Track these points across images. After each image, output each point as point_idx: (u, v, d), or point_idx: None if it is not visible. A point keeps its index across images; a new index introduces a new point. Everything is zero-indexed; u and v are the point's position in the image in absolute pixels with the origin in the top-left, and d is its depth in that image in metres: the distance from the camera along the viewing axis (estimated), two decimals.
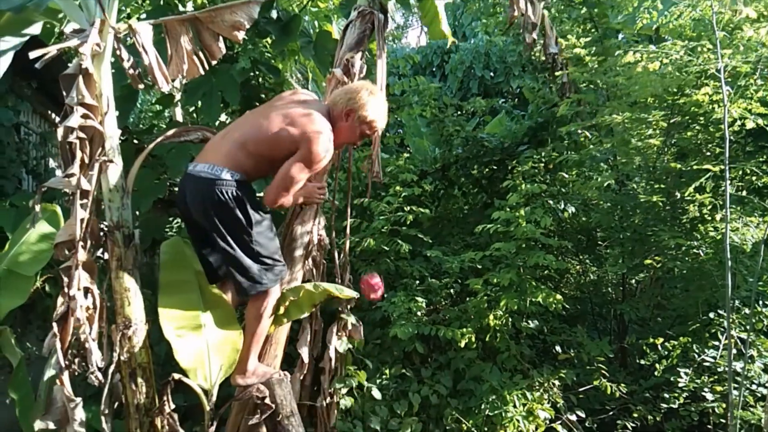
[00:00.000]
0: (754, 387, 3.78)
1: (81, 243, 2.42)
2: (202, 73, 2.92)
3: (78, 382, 2.76)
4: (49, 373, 2.55)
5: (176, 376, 2.70)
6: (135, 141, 4.80)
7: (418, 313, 4.18)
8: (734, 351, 3.49)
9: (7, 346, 3.30)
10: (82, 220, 2.42)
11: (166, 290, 2.88)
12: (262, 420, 2.71)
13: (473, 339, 3.99)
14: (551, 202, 4.67)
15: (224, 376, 2.74)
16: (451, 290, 4.59)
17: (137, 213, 4.38)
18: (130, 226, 2.76)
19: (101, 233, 2.69)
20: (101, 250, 2.76)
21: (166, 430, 2.77)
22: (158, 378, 2.90)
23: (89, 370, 2.45)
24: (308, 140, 2.63)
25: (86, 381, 2.68)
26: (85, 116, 2.50)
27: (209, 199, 2.62)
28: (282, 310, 2.95)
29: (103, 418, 2.77)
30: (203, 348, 2.74)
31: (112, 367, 2.74)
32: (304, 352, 3.20)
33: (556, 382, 4.01)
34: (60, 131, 2.42)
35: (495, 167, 5.58)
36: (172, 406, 2.74)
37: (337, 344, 3.35)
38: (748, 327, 3.79)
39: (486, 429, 3.68)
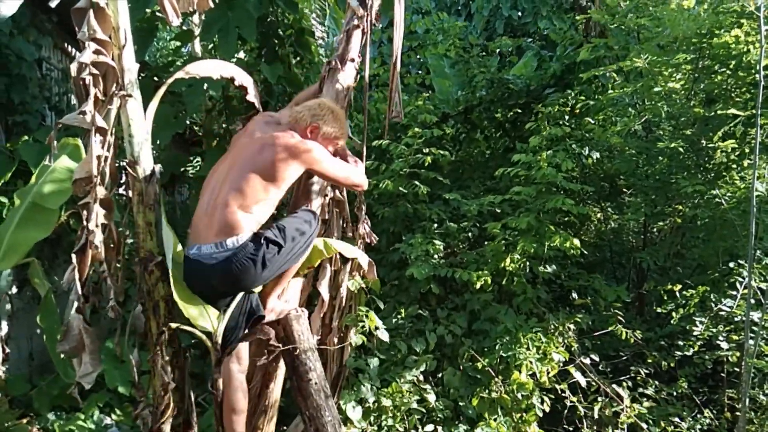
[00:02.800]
0: None
1: (98, 180, 2.43)
2: (212, 5, 2.84)
3: (104, 315, 2.84)
4: (72, 304, 2.62)
5: (173, 325, 2.72)
6: (154, 78, 4.78)
7: (436, 256, 4.20)
8: (752, 301, 3.46)
9: (35, 277, 3.41)
10: (98, 157, 2.43)
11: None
12: (278, 354, 2.77)
13: (489, 282, 4.02)
14: (575, 146, 4.59)
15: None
16: (469, 234, 4.59)
17: (156, 151, 4.41)
18: (151, 162, 2.77)
19: (122, 169, 2.70)
20: (123, 187, 2.78)
21: (183, 366, 2.87)
22: (179, 312, 2.97)
23: (108, 303, 2.52)
24: (298, 152, 2.59)
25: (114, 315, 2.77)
26: (97, 52, 2.46)
27: (231, 278, 2.52)
28: None
29: (127, 347, 2.88)
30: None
31: (136, 300, 2.82)
32: (324, 291, 3.24)
33: (572, 327, 4.04)
34: (73, 67, 2.39)
35: (519, 111, 5.46)
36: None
37: (349, 283, 3.40)
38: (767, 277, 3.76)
39: (500, 368, 3.75)
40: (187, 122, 4.76)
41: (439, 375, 3.97)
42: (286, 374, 2.93)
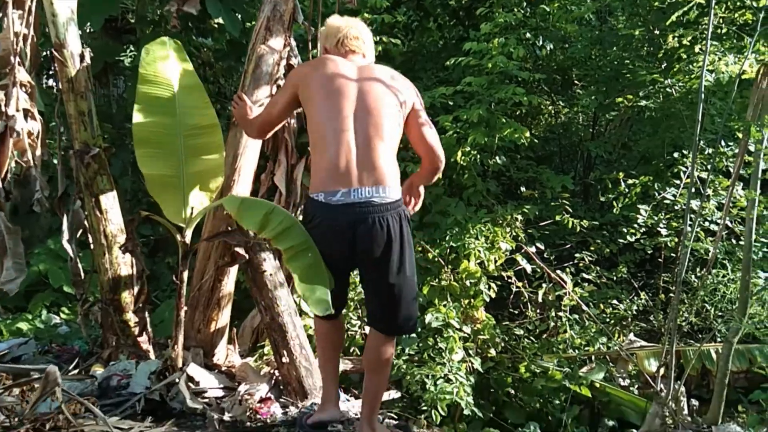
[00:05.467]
0: (706, 224, 3.95)
1: (18, 60, 2.20)
2: None
3: (44, 213, 2.69)
4: None
5: (144, 213, 2.61)
6: None
7: None
8: (693, 190, 3.58)
9: None
10: (17, 34, 2.19)
11: (141, 108, 2.39)
12: (232, 247, 2.71)
13: (440, 175, 4.01)
14: (529, 36, 4.47)
15: (202, 214, 2.59)
16: None
17: (87, 39, 4.06)
18: (79, 45, 2.53)
19: (43, 53, 2.47)
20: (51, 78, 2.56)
21: (129, 261, 2.79)
22: (125, 213, 2.84)
23: (34, 197, 2.36)
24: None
25: (50, 213, 2.62)
26: None
27: (392, 228, 2.14)
28: None
29: (66, 245, 2.75)
30: (178, 181, 2.49)
31: (74, 194, 2.68)
32: (281, 184, 3.16)
33: (519, 217, 4.12)
34: None
35: None
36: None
37: (305, 179, 3.30)
38: (708, 167, 3.88)
39: (450, 258, 3.83)
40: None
41: None
42: (240, 268, 2.89)
